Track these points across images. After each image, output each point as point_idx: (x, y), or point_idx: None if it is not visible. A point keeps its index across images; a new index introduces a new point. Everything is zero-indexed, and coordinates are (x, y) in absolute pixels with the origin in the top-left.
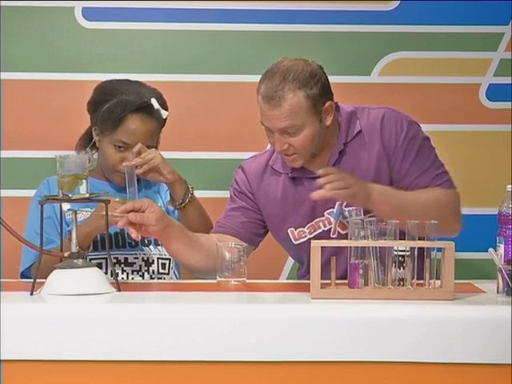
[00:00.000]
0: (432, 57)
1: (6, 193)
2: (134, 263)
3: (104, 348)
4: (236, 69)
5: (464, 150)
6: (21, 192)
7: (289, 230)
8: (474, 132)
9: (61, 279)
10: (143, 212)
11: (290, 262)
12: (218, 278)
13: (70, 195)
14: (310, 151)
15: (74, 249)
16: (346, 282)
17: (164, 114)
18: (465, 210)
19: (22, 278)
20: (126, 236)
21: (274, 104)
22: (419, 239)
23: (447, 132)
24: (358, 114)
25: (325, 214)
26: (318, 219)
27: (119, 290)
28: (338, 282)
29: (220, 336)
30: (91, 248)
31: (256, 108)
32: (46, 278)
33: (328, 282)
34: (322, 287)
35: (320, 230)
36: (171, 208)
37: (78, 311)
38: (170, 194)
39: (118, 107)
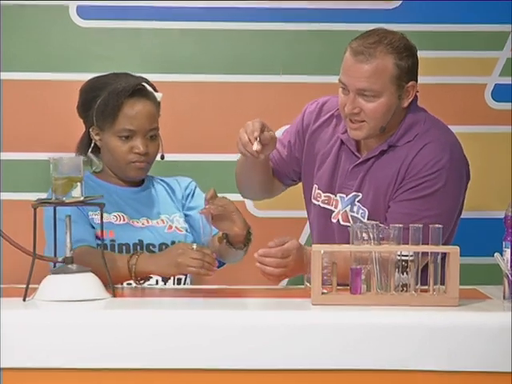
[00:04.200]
0: (436, 56)
1: (5, 196)
2: (151, 277)
3: (98, 356)
4: (235, 68)
5: (469, 151)
6: (21, 195)
7: (315, 185)
8: (480, 133)
9: (54, 284)
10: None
11: None
12: (308, 285)
13: (64, 198)
14: (379, 124)
15: (68, 253)
16: (348, 287)
17: (158, 96)
18: (470, 214)
19: None
20: (144, 249)
21: (361, 59)
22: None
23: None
24: (424, 123)
25: (337, 195)
26: (334, 196)
27: (114, 296)
28: (339, 287)
29: (218, 343)
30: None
31: (255, 108)
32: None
33: None
34: (323, 293)
35: (329, 207)
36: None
37: (71, 318)
38: (227, 235)
39: (112, 96)
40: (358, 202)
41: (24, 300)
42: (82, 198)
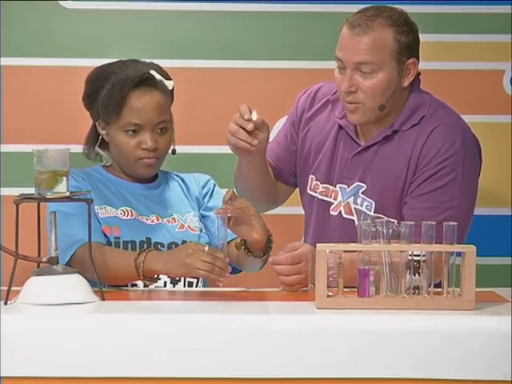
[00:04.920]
0: (450, 40)
1: (6, 191)
2: (159, 279)
3: (85, 363)
4: (230, 53)
5: (485, 142)
6: (22, 191)
7: (311, 176)
8: (497, 123)
9: (38, 287)
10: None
11: None
12: (312, 286)
13: (48, 194)
14: (377, 103)
15: (53, 253)
16: (355, 290)
17: (169, 84)
18: (487, 211)
19: None
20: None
21: (358, 32)
22: None
23: (467, 123)
24: (429, 106)
25: (337, 186)
26: (333, 187)
27: (103, 299)
28: (345, 290)
29: (216, 349)
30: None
31: (249, 95)
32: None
33: None
34: (328, 296)
35: (328, 199)
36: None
37: (55, 322)
38: (245, 241)
39: (116, 88)
40: (361, 193)
41: (5, 303)
42: (67, 194)
